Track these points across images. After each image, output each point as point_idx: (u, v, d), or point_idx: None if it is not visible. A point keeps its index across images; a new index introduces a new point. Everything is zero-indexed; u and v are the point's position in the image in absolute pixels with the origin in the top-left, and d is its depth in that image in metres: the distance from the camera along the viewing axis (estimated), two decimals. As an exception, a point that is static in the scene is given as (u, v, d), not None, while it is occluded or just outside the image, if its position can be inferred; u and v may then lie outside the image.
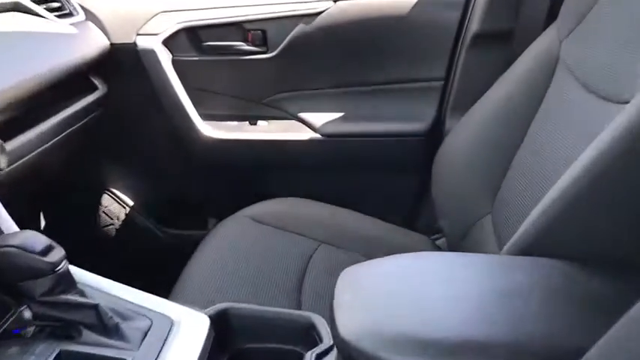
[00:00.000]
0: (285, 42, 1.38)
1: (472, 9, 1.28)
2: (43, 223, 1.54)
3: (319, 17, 1.35)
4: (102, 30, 1.36)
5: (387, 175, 1.44)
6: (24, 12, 1.16)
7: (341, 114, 1.43)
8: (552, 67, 0.95)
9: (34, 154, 1.06)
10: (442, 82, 1.37)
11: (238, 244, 1.14)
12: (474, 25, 1.26)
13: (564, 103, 0.88)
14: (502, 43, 1.26)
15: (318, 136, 1.40)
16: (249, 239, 1.15)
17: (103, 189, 1.54)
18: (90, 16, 1.37)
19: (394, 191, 1.45)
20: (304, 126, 1.44)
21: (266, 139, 1.42)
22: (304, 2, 1.37)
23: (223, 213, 1.29)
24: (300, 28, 1.36)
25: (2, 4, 1.11)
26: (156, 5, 1.39)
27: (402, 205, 1.47)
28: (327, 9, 1.35)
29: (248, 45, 1.40)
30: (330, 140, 1.40)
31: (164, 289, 1.01)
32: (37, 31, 1.13)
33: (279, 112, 1.47)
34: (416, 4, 1.32)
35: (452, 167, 1.13)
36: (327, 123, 1.41)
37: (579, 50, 0.89)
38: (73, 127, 1.22)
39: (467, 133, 1.12)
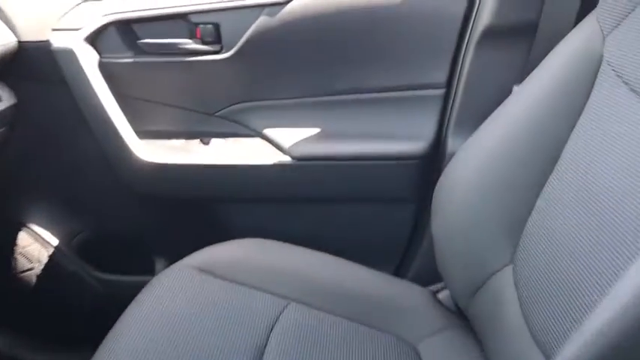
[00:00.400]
0: (243, 39, 1.08)
1: (482, -4, 1.00)
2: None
3: (287, 7, 1.06)
4: (7, 24, 1.06)
5: (375, 209, 1.16)
6: None
7: (316, 131, 1.14)
8: (593, 71, 0.72)
9: None
10: (443, 90, 1.09)
11: (175, 307, 0.86)
12: (484, 17, 0.99)
13: (612, 118, 0.66)
14: (521, 39, 0.99)
15: (287, 159, 1.11)
16: (190, 299, 0.88)
17: (19, 225, 1.24)
18: (-10, 6, 1.07)
19: (384, 229, 1.17)
20: (270, 145, 1.15)
21: (220, 163, 1.12)
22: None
23: (174, 251, 1.04)
24: (262, 20, 1.07)
25: None
26: (77, -7, 1.10)
27: (394, 247, 1.19)
28: (295, -3, 1.06)
29: (196, 42, 1.10)
30: (302, 165, 1.11)
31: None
32: None
33: (238, 128, 1.18)
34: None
35: (458, 202, 0.87)
36: (298, 142, 1.12)
37: (632, 48, 0.66)
38: None
39: (477, 157, 0.86)
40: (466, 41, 1.03)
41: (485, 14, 0.98)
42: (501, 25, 0.98)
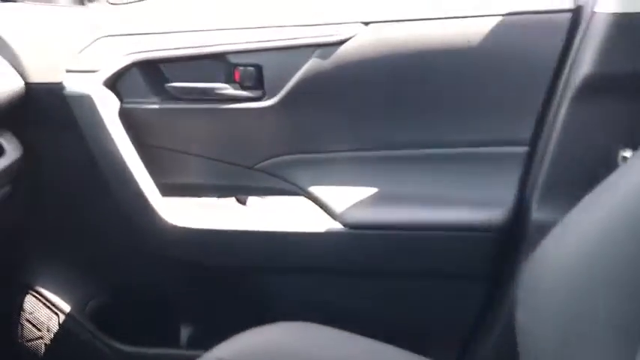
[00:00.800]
0: (290, 83, 0.92)
1: (583, 38, 0.82)
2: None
3: (342, 48, 0.89)
4: (13, 63, 0.91)
5: (438, 286, 0.98)
6: None
7: (371, 192, 0.96)
8: None
9: None
10: (526, 149, 0.91)
11: None
12: (584, 64, 0.81)
13: None
14: (632, 94, 0.80)
15: (337, 226, 0.93)
16: None
17: (25, 288, 1.08)
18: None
19: (446, 310, 0.99)
20: (317, 207, 0.97)
21: (259, 229, 0.95)
22: (319, 25, 0.91)
23: (202, 320, 0.98)
24: (312, 63, 0.90)
25: None
26: (95, 27, 0.94)
27: (456, 332, 1.01)
28: (353, 36, 0.89)
29: (235, 87, 0.94)
30: (355, 233, 0.93)
31: None
32: None
33: (280, 183, 1.00)
34: (493, 30, 0.86)
35: (555, 291, 0.68)
36: (351, 207, 0.94)
37: None
38: None
39: (584, 238, 0.67)
40: (559, 91, 0.86)
41: (586, 60, 0.80)
42: (606, 75, 0.80)
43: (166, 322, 1.10)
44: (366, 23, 0.89)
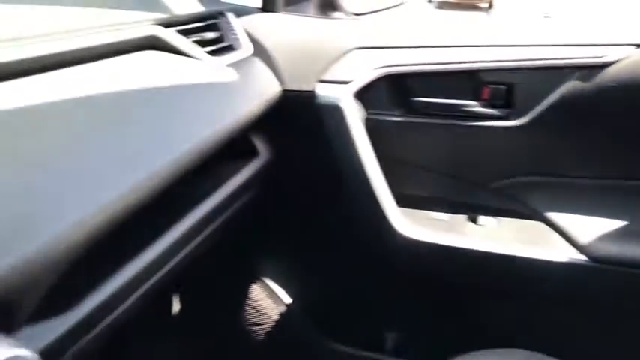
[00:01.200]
0: (543, 104, 0.88)
1: None
2: (176, 307, 1.19)
3: (606, 71, 0.84)
4: (273, 70, 0.96)
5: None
6: (161, 49, 0.77)
7: (621, 224, 0.89)
8: None
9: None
10: None
11: None
12: None
13: None
14: None
15: (582, 258, 0.88)
16: None
17: (252, 277, 1.14)
18: (258, 49, 0.97)
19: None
20: (557, 235, 0.92)
21: (490, 251, 0.92)
22: (583, 46, 0.86)
23: (415, 333, 0.99)
24: (571, 85, 0.86)
25: (131, 40, 0.72)
26: (346, 39, 0.96)
27: None
28: (622, 59, 0.83)
29: (482, 105, 0.92)
30: (604, 269, 0.87)
31: None
32: (177, 84, 0.73)
33: (516, 205, 0.97)
34: None
35: None
36: (598, 239, 0.88)
37: None
38: (221, 219, 0.84)
39: None
40: None
41: None
42: None
43: (375, 326, 1.11)
44: (638, 46, 0.83)
